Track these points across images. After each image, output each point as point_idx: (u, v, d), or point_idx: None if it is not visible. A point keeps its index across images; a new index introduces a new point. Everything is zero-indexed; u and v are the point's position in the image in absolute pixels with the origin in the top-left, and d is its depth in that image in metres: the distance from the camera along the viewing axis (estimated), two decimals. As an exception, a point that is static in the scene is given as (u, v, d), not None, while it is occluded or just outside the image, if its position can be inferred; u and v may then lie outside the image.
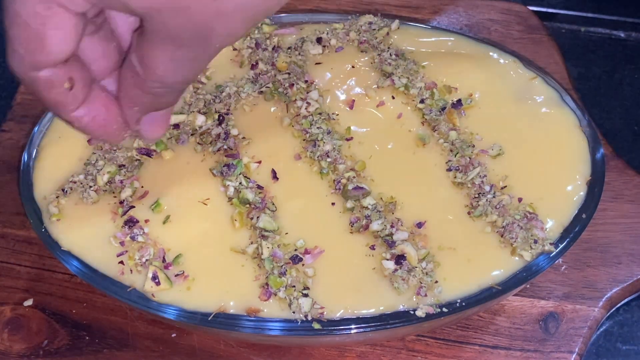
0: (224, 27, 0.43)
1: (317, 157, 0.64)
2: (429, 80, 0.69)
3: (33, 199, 0.65)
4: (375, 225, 0.61)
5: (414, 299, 0.59)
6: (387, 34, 0.72)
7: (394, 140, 0.66)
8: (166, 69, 0.44)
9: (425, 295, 0.59)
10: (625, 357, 0.69)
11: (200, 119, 0.66)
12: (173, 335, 0.68)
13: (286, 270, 0.60)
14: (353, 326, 0.58)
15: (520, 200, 0.63)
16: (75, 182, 0.64)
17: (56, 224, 0.63)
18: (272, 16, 0.74)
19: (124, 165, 0.65)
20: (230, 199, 0.63)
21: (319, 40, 0.71)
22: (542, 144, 0.66)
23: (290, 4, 0.85)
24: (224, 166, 0.64)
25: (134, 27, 0.47)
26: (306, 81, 0.68)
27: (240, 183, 0.63)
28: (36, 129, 0.68)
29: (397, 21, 0.72)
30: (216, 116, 0.66)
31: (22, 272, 0.72)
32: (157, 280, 0.60)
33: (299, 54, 0.70)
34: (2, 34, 0.43)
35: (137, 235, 0.61)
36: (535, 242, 0.61)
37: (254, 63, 0.70)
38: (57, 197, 0.64)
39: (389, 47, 0.70)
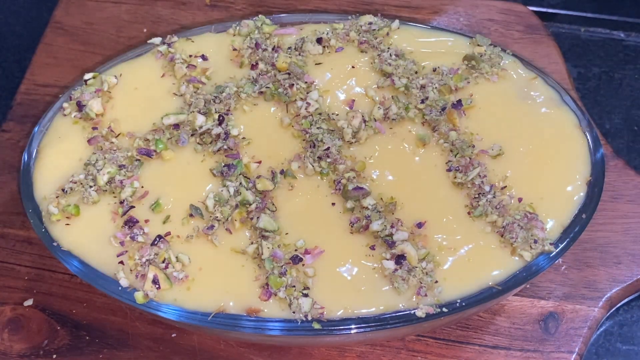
0: None
1: (317, 157, 0.64)
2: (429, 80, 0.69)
3: (33, 199, 0.65)
4: (375, 226, 0.61)
5: (414, 299, 0.59)
6: (387, 34, 0.72)
7: (394, 140, 0.66)
8: None
9: (425, 295, 0.59)
10: (625, 357, 0.69)
11: (200, 119, 0.66)
12: (173, 335, 0.68)
13: (286, 270, 0.60)
14: (353, 326, 0.58)
15: (520, 200, 0.63)
16: (75, 182, 0.64)
17: (56, 224, 0.63)
18: (272, 16, 0.74)
19: (124, 165, 0.65)
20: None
21: (319, 40, 0.71)
22: (542, 144, 0.66)
23: (290, 4, 0.85)
24: (224, 166, 0.64)
25: None
26: (306, 81, 0.68)
27: (240, 183, 0.63)
28: (36, 129, 0.68)
29: (397, 21, 0.72)
30: (216, 116, 0.66)
31: (22, 272, 0.72)
32: (157, 282, 0.60)
33: (299, 54, 0.70)
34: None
35: (137, 235, 0.61)
36: (535, 242, 0.61)
37: (254, 63, 0.70)
38: (57, 197, 0.64)
39: (389, 47, 0.70)
